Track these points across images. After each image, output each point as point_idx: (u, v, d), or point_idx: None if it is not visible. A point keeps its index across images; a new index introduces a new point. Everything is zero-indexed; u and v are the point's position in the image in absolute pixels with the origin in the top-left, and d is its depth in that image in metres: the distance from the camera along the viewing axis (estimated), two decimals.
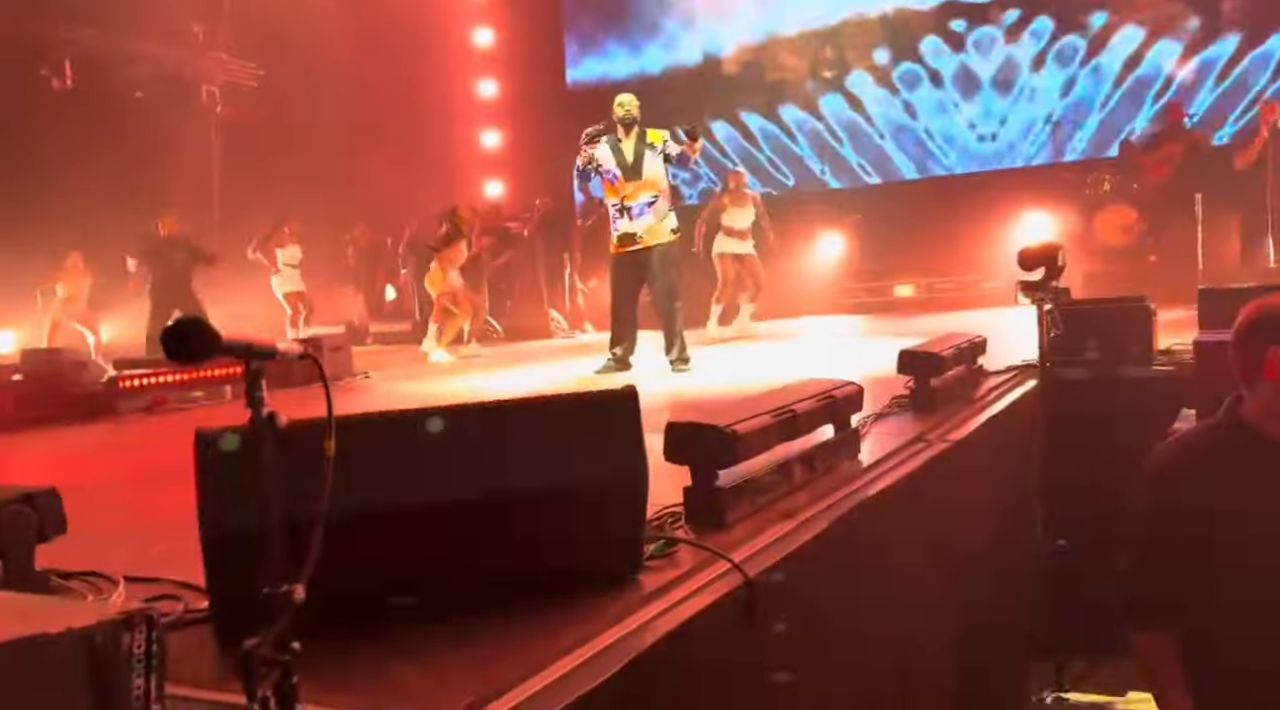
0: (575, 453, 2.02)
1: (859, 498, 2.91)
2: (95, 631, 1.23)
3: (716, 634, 2.06)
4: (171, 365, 7.53)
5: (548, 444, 2.02)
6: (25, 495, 2.15)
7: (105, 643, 1.24)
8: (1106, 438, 5.15)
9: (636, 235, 6.63)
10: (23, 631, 1.18)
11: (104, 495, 3.81)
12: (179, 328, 1.15)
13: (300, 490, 1.44)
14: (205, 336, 1.15)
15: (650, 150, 6.65)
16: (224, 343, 1.17)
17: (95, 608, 1.26)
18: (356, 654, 1.77)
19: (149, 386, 6.79)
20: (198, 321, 1.16)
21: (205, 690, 1.72)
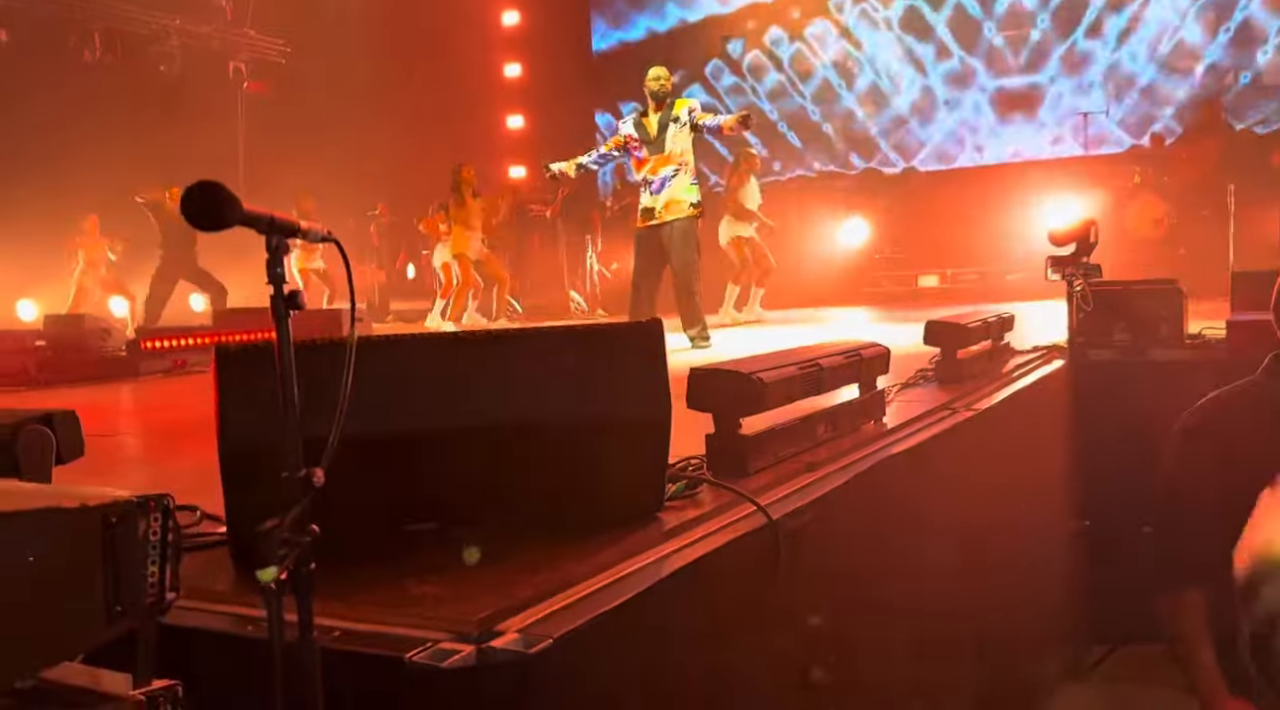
0: (598, 382, 1.98)
1: (882, 456, 2.87)
2: (111, 510, 1.21)
3: (738, 571, 2.02)
4: None
5: (571, 373, 1.98)
6: (45, 415, 2.13)
7: (120, 522, 1.21)
8: (1134, 420, 5.07)
9: (655, 210, 6.59)
10: (38, 504, 1.16)
11: (121, 442, 3.82)
12: (198, 190, 1.12)
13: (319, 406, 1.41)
14: (225, 201, 1.12)
15: (674, 123, 6.60)
16: (245, 211, 1.14)
17: (111, 492, 1.24)
18: (372, 572, 1.75)
19: (169, 349, 6.82)
20: (217, 185, 1.13)
21: (221, 604, 1.71)
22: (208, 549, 2.01)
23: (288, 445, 1.22)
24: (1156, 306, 5.22)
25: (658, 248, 6.65)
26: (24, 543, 1.13)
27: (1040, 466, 4.63)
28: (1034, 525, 4.63)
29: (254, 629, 1.60)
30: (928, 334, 4.08)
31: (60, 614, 1.18)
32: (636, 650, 1.71)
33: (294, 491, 1.18)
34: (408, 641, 1.50)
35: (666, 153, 6.58)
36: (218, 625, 1.61)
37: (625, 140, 6.74)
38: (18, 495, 1.26)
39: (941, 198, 12.24)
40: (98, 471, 2.67)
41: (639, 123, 6.68)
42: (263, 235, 1.19)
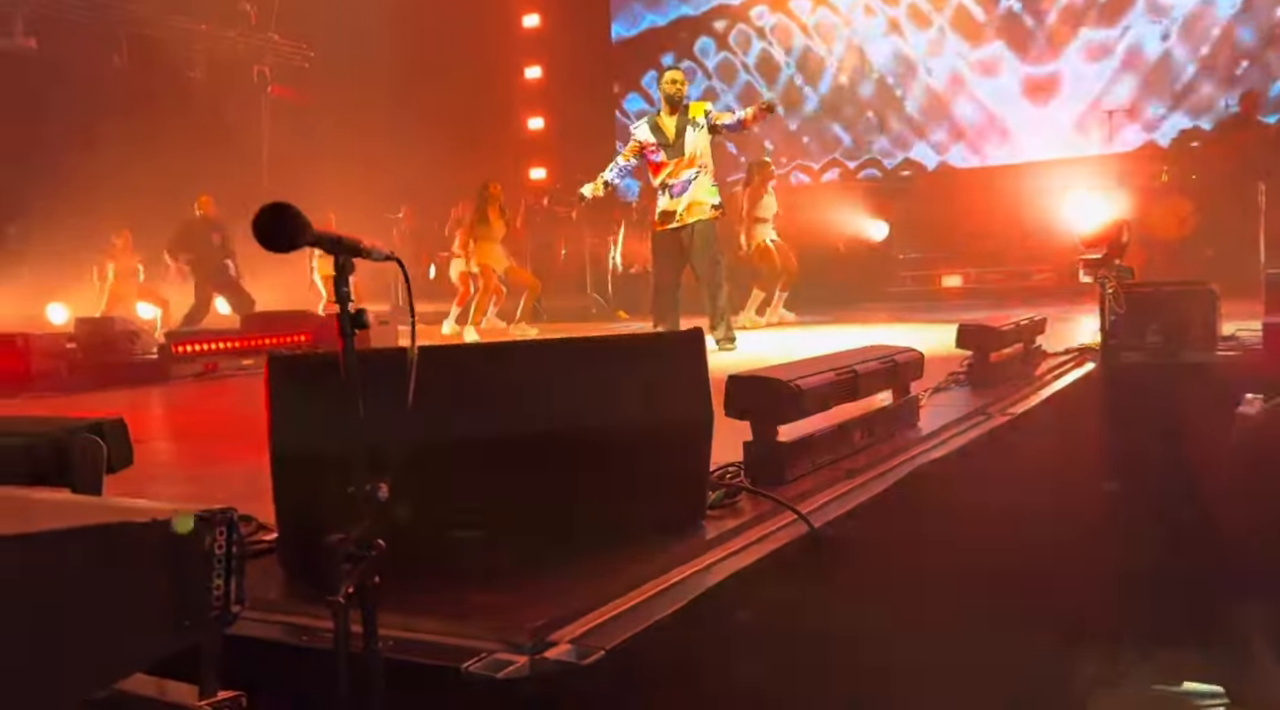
0: (643, 392, 1.99)
1: (921, 462, 2.86)
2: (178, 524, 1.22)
3: (781, 580, 2.02)
4: None
5: (614, 383, 1.99)
6: (95, 424, 2.16)
7: (188, 537, 1.23)
8: (1168, 422, 5.04)
9: (676, 212, 6.57)
10: (109, 518, 1.17)
11: (161, 447, 3.86)
12: (271, 212, 1.13)
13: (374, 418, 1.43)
14: (297, 223, 1.13)
15: (692, 125, 6.58)
16: (314, 232, 1.15)
17: (178, 507, 1.26)
18: (422, 579, 1.76)
19: (200, 353, 6.88)
20: (289, 207, 1.14)
21: (275, 612, 1.72)
22: (257, 557, 2.03)
23: (354, 460, 1.23)
24: (1189, 308, 5.17)
25: (678, 250, 6.63)
26: (96, 557, 1.14)
27: (1074, 469, 4.59)
28: (1068, 528, 4.60)
29: (309, 639, 1.62)
30: (960, 337, 4.06)
31: (131, 626, 1.19)
32: (684, 661, 1.72)
33: (360, 506, 1.19)
34: (462, 651, 1.51)
35: (687, 156, 6.57)
36: (272, 635, 1.63)
37: (641, 146, 6.71)
38: (87, 510, 1.29)
39: (963, 197, 12.16)
40: (143, 479, 2.70)
41: (655, 126, 6.66)
42: (329, 254, 1.20)
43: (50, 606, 1.08)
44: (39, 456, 2.06)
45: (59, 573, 1.08)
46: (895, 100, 13.43)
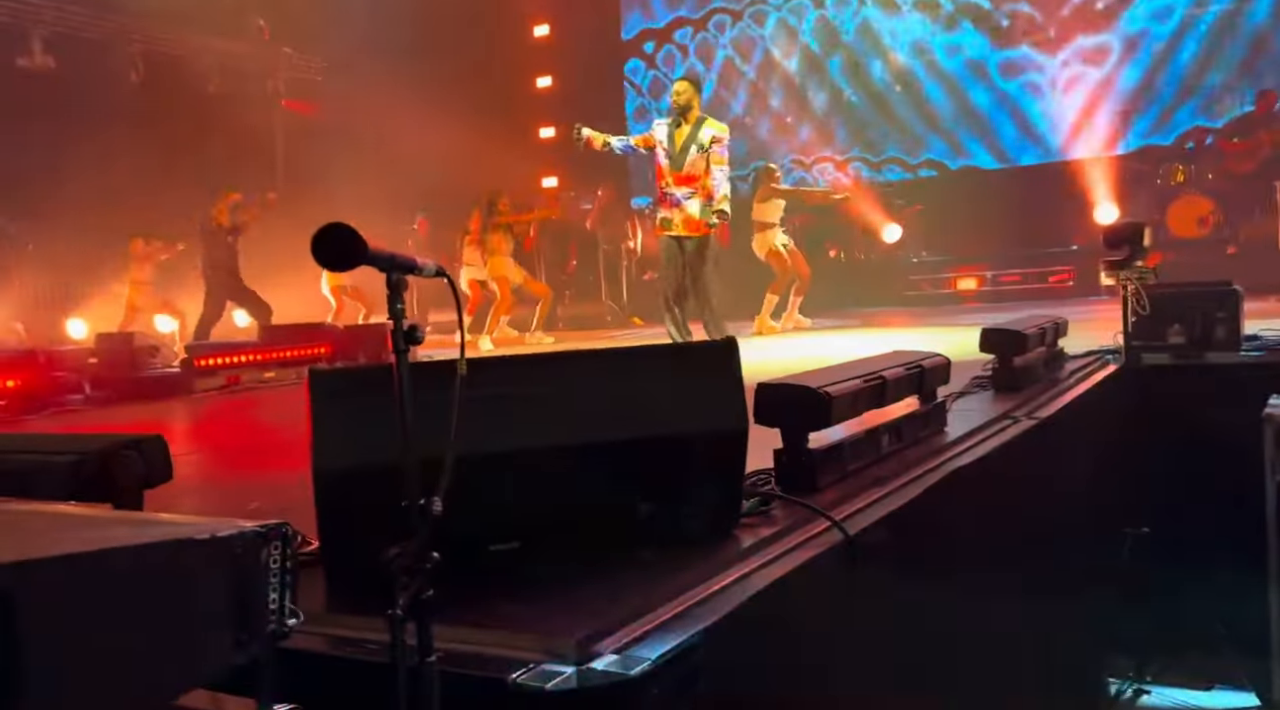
0: (676, 402, 2.00)
1: (951, 468, 2.85)
2: (237, 540, 1.24)
3: (817, 589, 2.02)
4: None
5: (648, 393, 2.00)
6: (134, 441, 2.20)
7: (245, 552, 1.25)
8: (1193, 425, 5.01)
9: (674, 222, 6.71)
10: (171, 535, 1.19)
11: (192, 460, 3.90)
12: (330, 232, 1.15)
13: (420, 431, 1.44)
14: (354, 243, 1.15)
15: (697, 146, 6.65)
16: (371, 251, 1.17)
17: (235, 522, 1.27)
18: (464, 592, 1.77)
19: (222, 366, 6.94)
20: (347, 227, 1.16)
21: (317, 625, 1.74)
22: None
23: (407, 474, 1.25)
24: (1213, 308, 5.14)
25: (679, 253, 6.75)
26: (162, 573, 1.16)
27: (1101, 473, 4.58)
28: (1096, 532, 4.58)
29: (360, 651, 1.63)
30: (984, 341, 4.05)
31: (192, 642, 1.21)
32: (728, 670, 1.72)
33: (414, 519, 1.21)
34: (509, 663, 1.52)
35: (684, 173, 6.67)
36: (322, 647, 1.64)
37: (654, 143, 6.79)
38: (146, 525, 1.30)
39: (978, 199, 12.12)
40: (175, 493, 2.73)
41: (671, 133, 6.73)
42: (383, 272, 1.22)
43: (118, 623, 1.10)
44: (83, 473, 2.09)
45: (128, 589, 1.10)
46: (913, 101, 13.38)
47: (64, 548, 1.05)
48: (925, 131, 13.36)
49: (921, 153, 13.45)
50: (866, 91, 13.65)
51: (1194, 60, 11.60)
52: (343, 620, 1.73)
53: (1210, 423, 4.98)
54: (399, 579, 1.17)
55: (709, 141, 6.65)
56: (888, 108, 13.53)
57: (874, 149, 13.71)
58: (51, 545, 1.10)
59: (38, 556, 1.02)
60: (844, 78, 13.79)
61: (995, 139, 12.95)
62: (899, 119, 13.39)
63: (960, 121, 13.10)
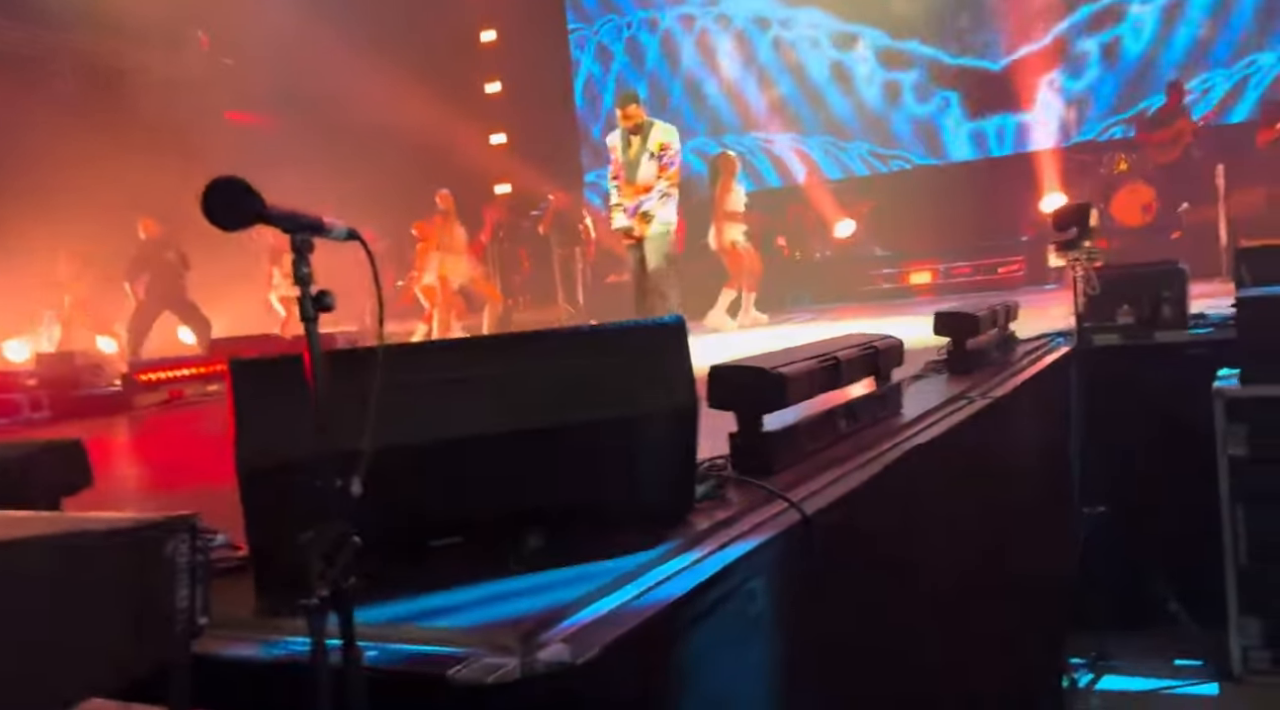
0: (623, 383, 1.93)
1: (906, 448, 2.81)
2: (138, 532, 1.14)
3: (775, 569, 1.96)
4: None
5: (594, 374, 1.92)
6: (50, 445, 2.07)
7: (149, 546, 1.15)
8: (1142, 402, 5.06)
9: (632, 229, 6.86)
10: (65, 530, 1.09)
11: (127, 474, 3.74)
12: (219, 186, 1.06)
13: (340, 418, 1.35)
14: (247, 198, 1.06)
15: (648, 155, 6.74)
16: (267, 208, 1.08)
17: (137, 516, 1.17)
18: (401, 587, 1.68)
19: (165, 381, 6.73)
20: (239, 181, 1.07)
21: (248, 631, 1.64)
22: (229, 575, 1.94)
23: (321, 455, 1.15)
24: (1160, 288, 5.20)
25: (643, 258, 6.89)
26: (48, 570, 1.06)
27: (1055, 453, 4.59)
28: (1051, 512, 4.59)
29: (284, 654, 1.54)
30: (937, 324, 4.04)
31: (88, 645, 1.11)
32: (683, 655, 1.65)
33: (331, 501, 1.12)
34: (447, 658, 1.43)
35: (638, 183, 6.78)
36: (248, 651, 1.54)
37: (615, 163, 6.94)
38: (37, 522, 1.20)
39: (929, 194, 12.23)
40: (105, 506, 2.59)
41: (624, 145, 6.83)
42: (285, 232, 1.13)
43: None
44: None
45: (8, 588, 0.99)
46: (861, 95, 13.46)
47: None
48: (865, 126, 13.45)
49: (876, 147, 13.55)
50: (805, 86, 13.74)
51: (1135, 55, 11.84)
52: (270, 623, 1.63)
53: (1162, 400, 5.03)
54: (315, 566, 1.08)
55: (657, 148, 6.72)
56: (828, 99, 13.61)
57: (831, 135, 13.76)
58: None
59: None
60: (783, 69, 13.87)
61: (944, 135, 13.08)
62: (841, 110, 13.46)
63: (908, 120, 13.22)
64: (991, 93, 12.71)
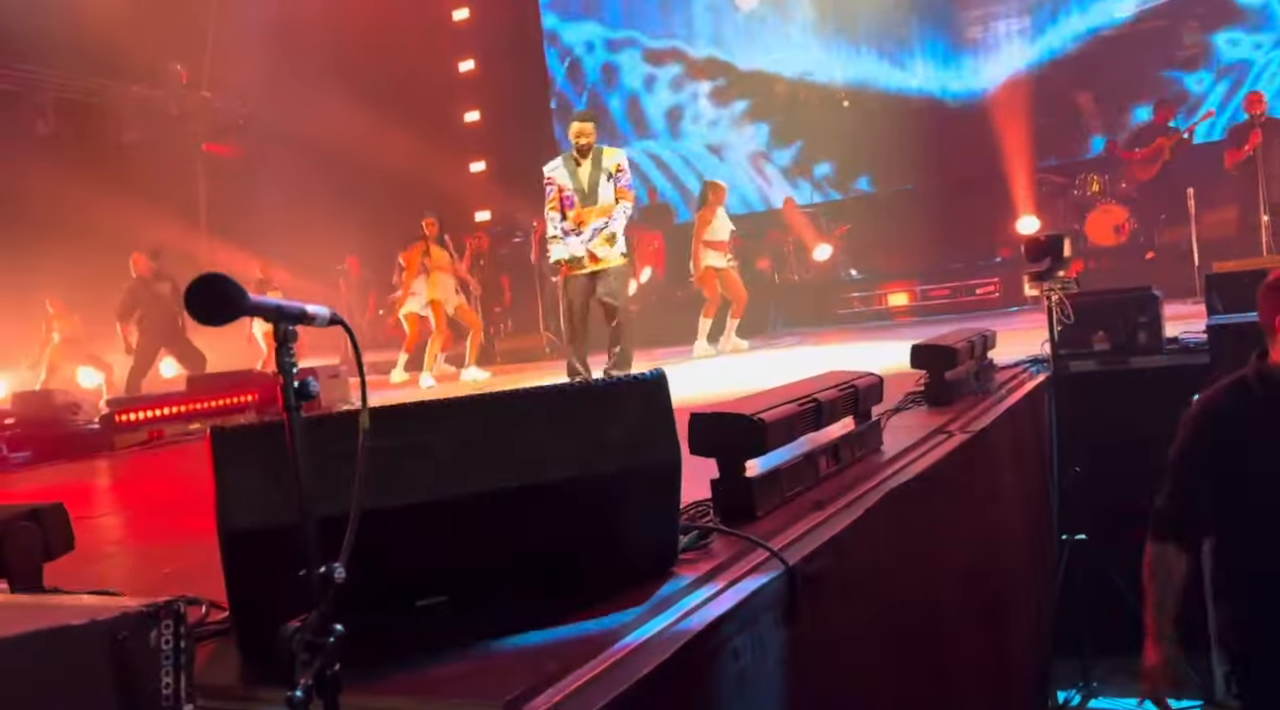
0: (605, 440, 1.94)
1: (887, 488, 2.83)
2: (120, 623, 1.14)
3: (759, 622, 1.97)
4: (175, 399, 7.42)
5: (575, 432, 1.94)
6: (31, 511, 2.06)
7: (131, 636, 1.15)
8: (1120, 429, 5.10)
9: (583, 258, 6.53)
10: (45, 623, 1.09)
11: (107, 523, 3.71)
12: (203, 282, 1.07)
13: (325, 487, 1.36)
14: (229, 294, 1.07)
15: (605, 176, 6.61)
16: (249, 301, 1.09)
17: (119, 603, 1.18)
18: (388, 652, 1.68)
19: (145, 421, 6.68)
20: (221, 277, 1.08)
21: (232, 701, 1.63)
22: (210, 639, 1.93)
23: (306, 541, 1.16)
24: (1134, 314, 5.27)
25: (590, 290, 6.59)
26: (30, 667, 1.06)
27: (1035, 482, 4.62)
28: (1033, 541, 4.62)
29: None
30: (914, 357, 4.08)
31: None
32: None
33: (315, 589, 1.12)
34: None
35: (600, 205, 6.57)
36: None
37: (560, 191, 6.65)
38: (18, 611, 1.20)
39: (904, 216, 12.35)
40: (88, 559, 2.57)
41: (573, 174, 6.63)
42: (269, 323, 1.14)
43: None
44: None
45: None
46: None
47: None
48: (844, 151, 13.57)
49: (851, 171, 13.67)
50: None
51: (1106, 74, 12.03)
52: (257, 694, 1.62)
53: (1138, 426, 5.07)
54: (300, 656, 1.08)
55: (614, 168, 6.64)
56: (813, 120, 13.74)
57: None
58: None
59: None
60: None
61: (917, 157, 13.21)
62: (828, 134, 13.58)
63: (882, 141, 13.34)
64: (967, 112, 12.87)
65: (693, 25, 14.58)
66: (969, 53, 13.06)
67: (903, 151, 12.38)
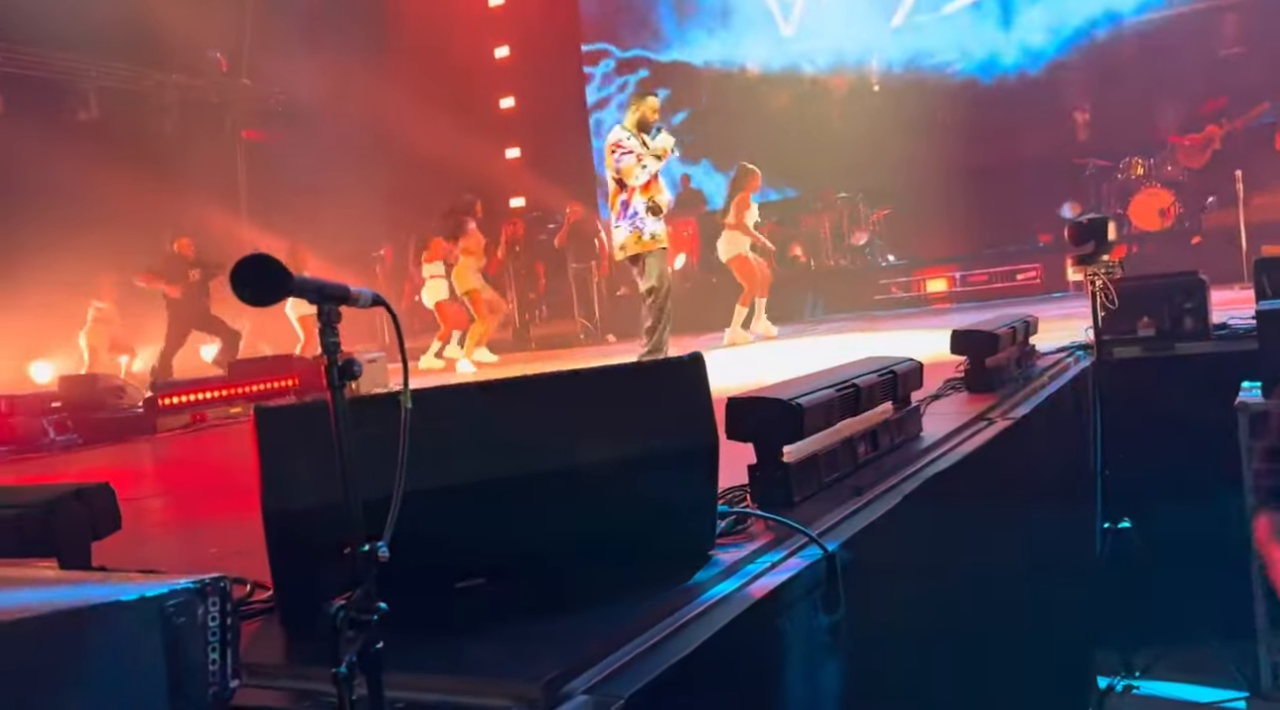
0: (644, 422, 1.94)
1: (926, 475, 2.80)
2: (168, 599, 1.16)
3: (799, 607, 1.96)
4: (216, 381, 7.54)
5: (615, 414, 1.93)
6: (77, 491, 2.10)
7: (179, 612, 1.17)
8: (1165, 416, 5.01)
9: (661, 235, 6.55)
10: (95, 599, 1.11)
11: (152, 504, 3.78)
12: (247, 265, 1.08)
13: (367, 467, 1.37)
14: (274, 274, 1.08)
15: (655, 158, 6.56)
16: (294, 282, 1.10)
17: (167, 580, 1.19)
18: (428, 633, 1.69)
19: (188, 404, 6.79)
20: (266, 258, 1.09)
21: (277, 677, 1.65)
22: (255, 617, 1.96)
23: (349, 520, 1.17)
24: (1180, 299, 5.16)
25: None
26: (80, 643, 1.08)
27: (1078, 469, 4.55)
28: (1075, 529, 4.56)
29: (310, 704, 1.55)
30: (954, 343, 4.02)
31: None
32: (705, 701, 1.65)
33: (359, 568, 1.13)
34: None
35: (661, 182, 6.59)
36: (277, 703, 1.55)
37: (666, 155, 6.59)
38: (69, 588, 1.22)
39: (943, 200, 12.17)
40: (135, 540, 2.62)
41: (644, 145, 6.57)
42: (313, 304, 1.15)
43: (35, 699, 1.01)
44: (26, 528, 1.99)
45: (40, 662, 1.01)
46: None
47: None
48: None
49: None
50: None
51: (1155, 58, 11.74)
52: (302, 671, 1.64)
53: (1184, 414, 4.98)
54: (344, 633, 1.09)
55: (666, 155, 6.60)
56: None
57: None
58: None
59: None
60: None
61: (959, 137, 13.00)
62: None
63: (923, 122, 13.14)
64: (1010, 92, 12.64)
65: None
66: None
67: (943, 132, 12.19)
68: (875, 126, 12.75)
